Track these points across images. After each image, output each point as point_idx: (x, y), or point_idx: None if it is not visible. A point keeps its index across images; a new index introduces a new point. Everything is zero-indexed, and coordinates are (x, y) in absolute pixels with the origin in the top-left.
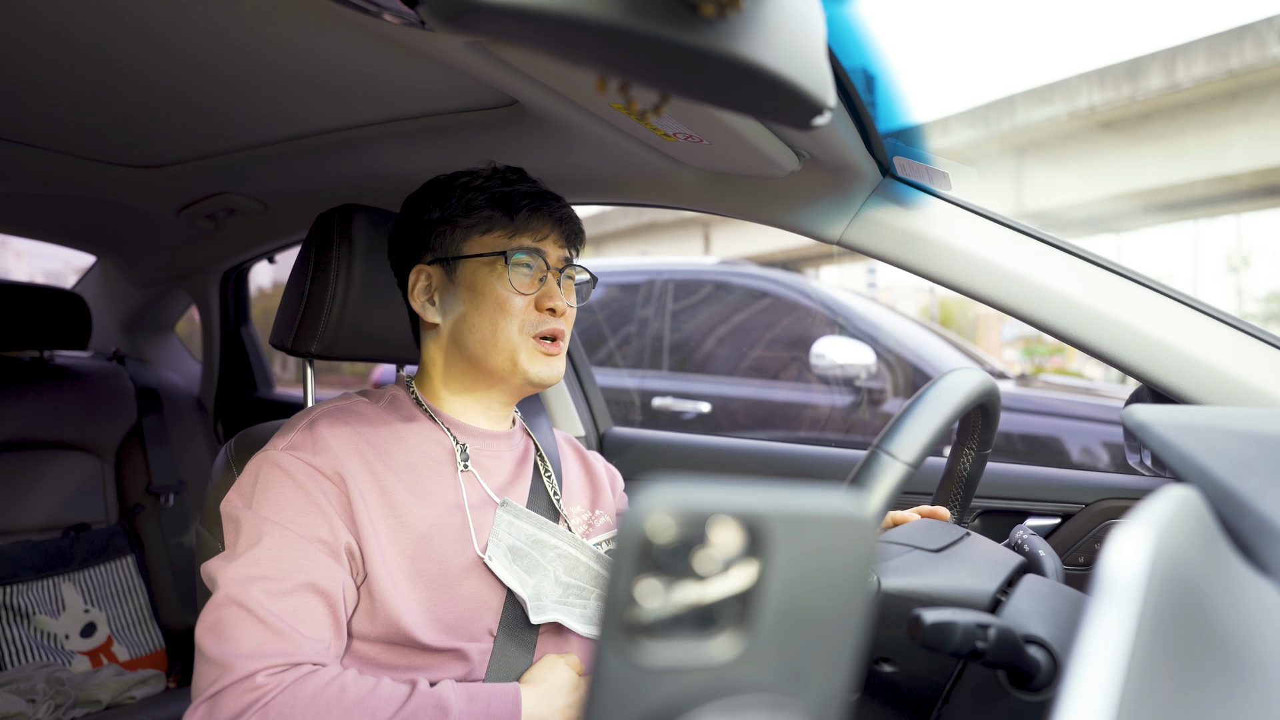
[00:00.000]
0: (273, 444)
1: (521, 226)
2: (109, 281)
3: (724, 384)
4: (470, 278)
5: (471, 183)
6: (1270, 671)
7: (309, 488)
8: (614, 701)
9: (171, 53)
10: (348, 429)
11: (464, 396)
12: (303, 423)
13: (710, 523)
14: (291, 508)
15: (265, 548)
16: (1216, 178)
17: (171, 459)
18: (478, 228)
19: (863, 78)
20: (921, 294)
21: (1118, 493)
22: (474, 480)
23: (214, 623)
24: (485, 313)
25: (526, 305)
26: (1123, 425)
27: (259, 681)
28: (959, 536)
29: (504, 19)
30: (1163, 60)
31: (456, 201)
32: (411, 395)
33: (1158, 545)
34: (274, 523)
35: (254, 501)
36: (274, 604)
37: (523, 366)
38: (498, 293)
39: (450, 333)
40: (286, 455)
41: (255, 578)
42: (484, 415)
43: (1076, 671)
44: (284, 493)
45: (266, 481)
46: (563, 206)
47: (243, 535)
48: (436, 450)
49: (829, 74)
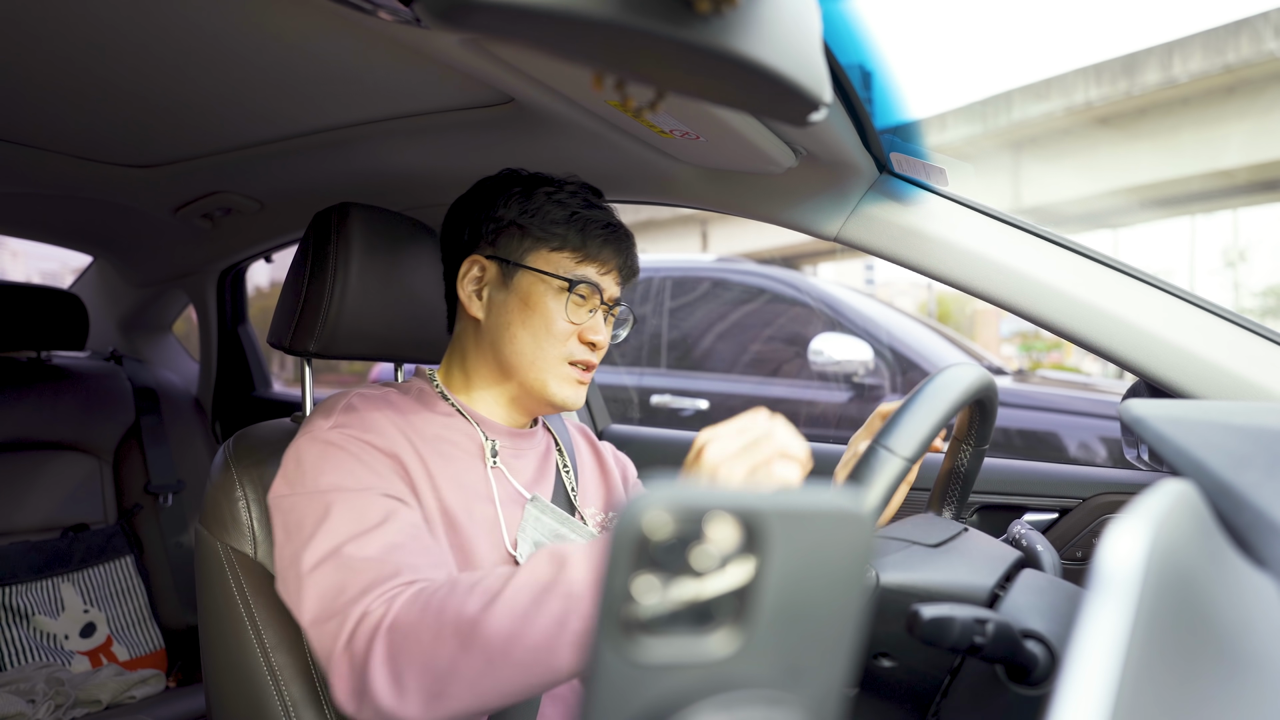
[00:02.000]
0: (314, 427)
1: (592, 255)
2: (106, 281)
3: (722, 381)
4: (527, 290)
5: (555, 194)
6: (1266, 664)
7: (365, 459)
8: (611, 698)
9: (168, 52)
10: (388, 412)
11: (488, 395)
12: (341, 404)
13: (707, 519)
14: (352, 477)
15: (337, 517)
16: (1213, 173)
17: (170, 459)
18: (550, 242)
19: (859, 74)
20: (919, 290)
21: (1115, 487)
22: (503, 476)
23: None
24: (531, 329)
25: (572, 334)
26: (1120, 420)
27: (372, 611)
28: (957, 532)
29: (499, 16)
30: (1159, 56)
31: (536, 208)
32: (437, 390)
33: (1154, 539)
34: (338, 491)
35: (309, 482)
36: (367, 550)
37: (552, 389)
38: (549, 315)
39: (490, 333)
40: (336, 433)
41: (337, 545)
42: (506, 415)
43: (1073, 666)
44: (341, 464)
45: (319, 458)
46: (632, 244)
47: (308, 518)
48: (467, 443)
49: (825, 70)
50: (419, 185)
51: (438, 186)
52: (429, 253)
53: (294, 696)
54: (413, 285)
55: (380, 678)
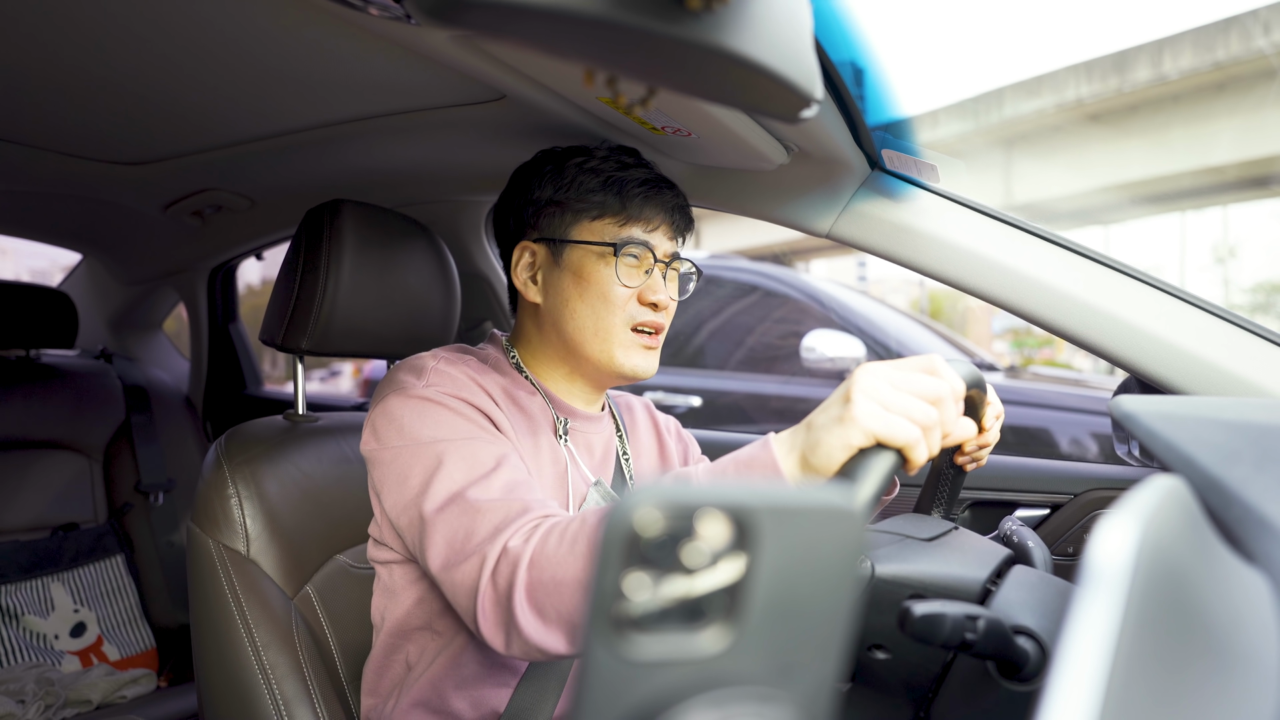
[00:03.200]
0: (405, 385)
1: (634, 215)
2: (95, 279)
3: (715, 378)
4: (577, 264)
5: (586, 163)
6: (1255, 659)
7: (465, 413)
8: (603, 695)
9: (157, 48)
10: (473, 374)
11: (558, 374)
12: (430, 365)
13: (698, 516)
14: (455, 429)
15: (451, 465)
16: (1203, 169)
17: (160, 457)
18: (589, 212)
19: (851, 70)
20: (911, 287)
21: (1106, 483)
22: (571, 454)
23: (444, 545)
24: (589, 301)
25: (630, 297)
26: (1111, 416)
27: (511, 546)
28: (948, 529)
29: (491, 12)
30: (1150, 53)
31: (570, 182)
32: (512, 360)
33: (1144, 535)
34: (446, 441)
35: (411, 435)
36: (490, 492)
37: (619, 360)
38: (603, 283)
39: (550, 314)
40: (431, 390)
41: (458, 491)
42: (577, 396)
43: (1063, 661)
44: (441, 419)
45: (418, 414)
46: (676, 195)
47: (415, 468)
48: (540, 416)
49: (816, 67)
50: (411, 182)
51: (430, 183)
52: (421, 249)
53: (286, 694)
54: (405, 281)
55: (526, 611)
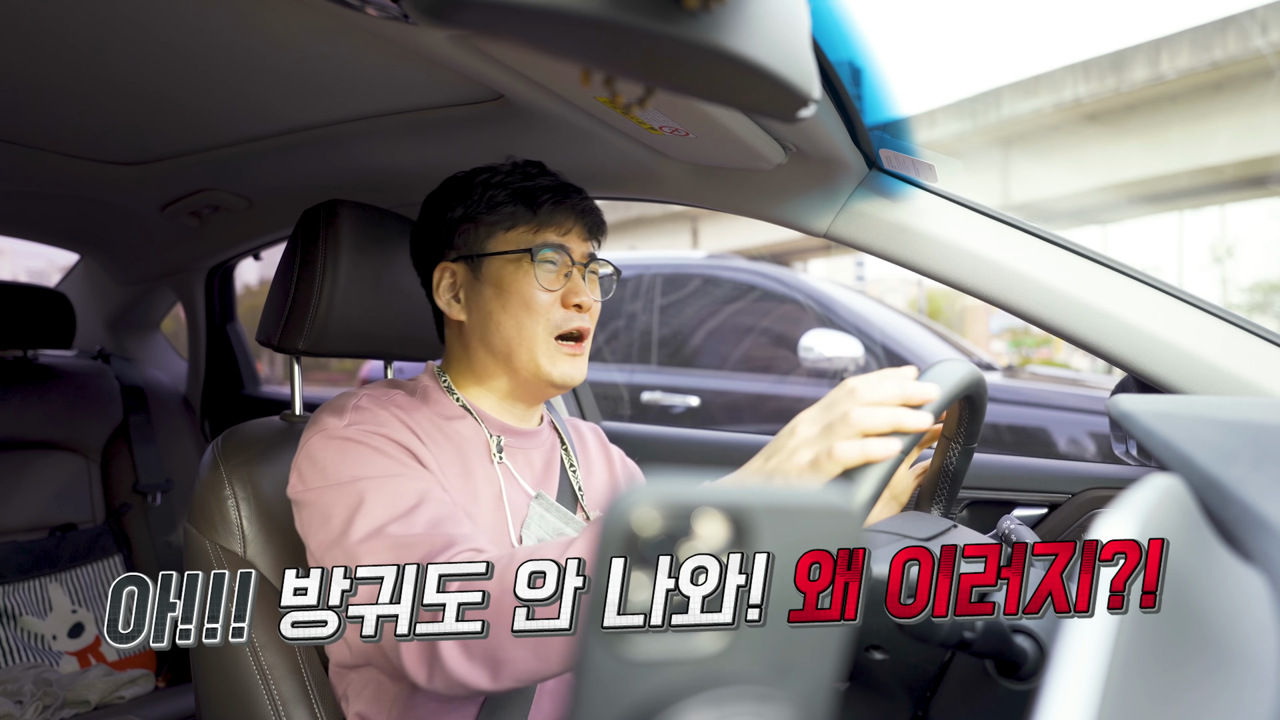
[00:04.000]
0: (327, 426)
1: (545, 221)
2: (93, 280)
3: (713, 378)
4: (496, 275)
5: (492, 179)
6: (1252, 657)
7: (386, 451)
8: (601, 695)
9: (154, 48)
10: (395, 412)
11: (490, 392)
12: (351, 404)
13: (696, 515)
14: (377, 467)
15: (372, 501)
16: (1201, 169)
17: (158, 458)
18: (501, 224)
19: (848, 70)
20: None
21: (1104, 482)
22: (508, 473)
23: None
24: (511, 311)
25: (552, 302)
26: (1108, 415)
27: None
28: (946, 528)
29: (487, 12)
30: (1147, 52)
31: (479, 198)
32: (444, 385)
33: (1141, 533)
34: (367, 479)
35: (333, 475)
36: (413, 528)
37: (545, 368)
38: (524, 290)
39: (475, 329)
40: (352, 429)
41: (380, 525)
42: (511, 412)
43: (1060, 659)
44: (365, 457)
45: (339, 454)
46: (584, 199)
47: (338, 508)
48: (473, 440)
49: (814, 66)
50: (408, 182)
51: (427, 183)
52: None
53: (284, 695)
54: (402, 282)
55: (449, 646)
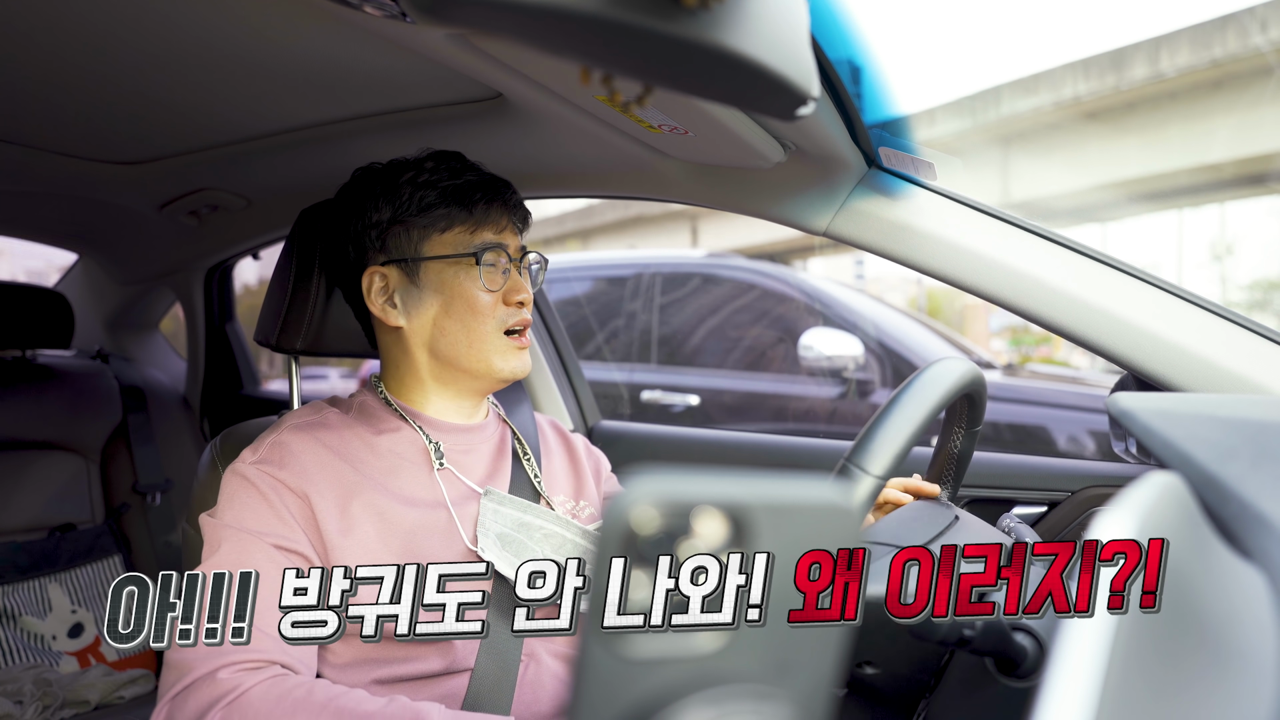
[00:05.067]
0: (242, 457)
1: (482, 220)
2: (91, 279)
3: (713, 376)
4: (437, 279)
5: (418, 177)
6: (1251, 654)
7: (272, 499)
8: (600, 693)
9: (153, 48)
10: (316, 443)
11: (434, 395)
12: (270, 437)
13: (694, 513)
14: (254, 516)
15: (222, 553)
16: (1200, 167)
17: (157, 458)
18: (435, 226)
19: (848, 68)
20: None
21: (1103, 480)
22: (451, 476)
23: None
24: (456, 315)
25: (495, 301)
26: (1108, 413)
27: (220, 678)
28: (946, 526)
29: (486, 10)
30: (1146, 50)
31: (407, 200)
32: (381, 397)
33: (1141, 531)
34: (233, 529)
35: (219, 512)
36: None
37: (497, 365)
38: (468, 293)
39: (417, 335)
40: (253, 468)
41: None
42: (456, 410)
43: (1060, 656)
44: (248, 503)
45: (232, 492)
46: (513, 192)
47: (206, 545)
48: (410, 451)
49: (813, 64)
50: None
51: None
52: None
53: None
54: None
55: None
